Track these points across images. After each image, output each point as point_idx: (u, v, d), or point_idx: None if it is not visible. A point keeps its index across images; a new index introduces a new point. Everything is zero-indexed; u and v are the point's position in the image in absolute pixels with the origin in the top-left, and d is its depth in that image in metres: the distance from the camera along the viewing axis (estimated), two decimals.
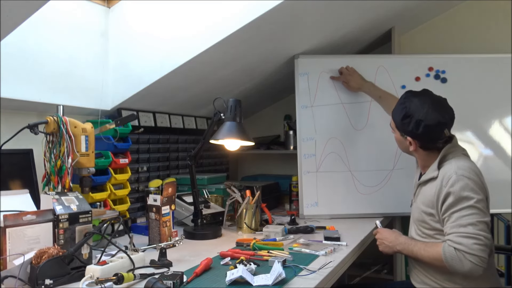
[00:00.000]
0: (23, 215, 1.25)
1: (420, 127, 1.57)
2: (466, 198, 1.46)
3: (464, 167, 1.52)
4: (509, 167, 2.33)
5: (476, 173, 1.52)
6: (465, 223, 1.44)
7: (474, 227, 1.43)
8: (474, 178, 1.50)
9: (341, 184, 2.29)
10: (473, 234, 1.42)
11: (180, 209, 2.05)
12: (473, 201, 1.45)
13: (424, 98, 1.61)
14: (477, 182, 1.49)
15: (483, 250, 1.41)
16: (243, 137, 1.80)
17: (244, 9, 1.74)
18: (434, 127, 1.56)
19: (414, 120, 1.58)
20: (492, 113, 2.36)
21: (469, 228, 1.43)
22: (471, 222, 1.43)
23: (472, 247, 1.40)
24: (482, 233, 1.42)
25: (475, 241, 1.41)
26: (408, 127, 1.60)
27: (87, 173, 1.60)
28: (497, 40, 2.65)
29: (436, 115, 1.55)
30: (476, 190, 1.47)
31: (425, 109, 1.57)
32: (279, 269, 1.23)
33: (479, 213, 1.45)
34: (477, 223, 1.43)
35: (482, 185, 1.51)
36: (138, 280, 1.22)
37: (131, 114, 1.88)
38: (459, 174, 1.49)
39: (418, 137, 1.61)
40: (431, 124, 1.55)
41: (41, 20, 1.68)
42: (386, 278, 2.78)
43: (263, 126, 3.30)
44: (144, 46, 1.98)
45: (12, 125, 1.59)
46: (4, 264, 1.19)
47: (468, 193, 1.46)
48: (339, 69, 2.29)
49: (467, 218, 1.44)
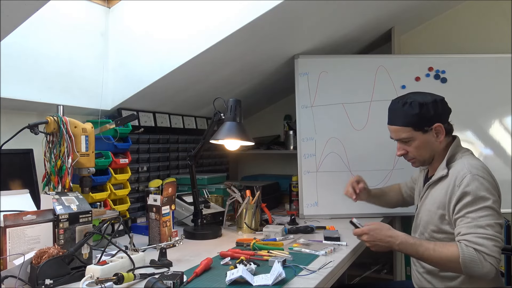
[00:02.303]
0: (23, 215, 1.25)
1: (438, 104, 1.56)
2: (482, 198, 1.42)
3: (477, 166, 1.50)
4: (509, 167, 2.33)
5: (489, 173, 1.50)
6: (483, 224, 1.40)
7: (492, 229, 1.39)
8: (489, 178, 1.47)
9: (341, 184, 2.27)
10: (492, 235, 1.38)
11: (180, 209, 2.05)
12: (490, 202, 1.42)
13: (416, 92, 1.63)
14: (491, 182, 1.47)
15: (500, 252, 1.39)
16: (243, 137, 1.80)
17: (244, 9, 1.74)
18: (446, 103, 1.60)
19: (430, 103, 1.55)
20: (492, 113, 2.36)
21: (488, 229, 1.39)
22: (489, 224, 1.40)
23: (492, 248, 1.37)
24: (499, 235, 1.39)
25: (495, 243, 1.38)
26: (429, 112, 1.55)
27: (87, 173, 1.60)
28: (497, 40, 2.64)
29: (440, 98, 1.59)
30: (491, 191, 1.45)
31: (427, 94, 1.60)
32: (279, 269, 1.23)
33: (495, 214, 1.42)
34: (494, 224, 1.40)
35: (495, 185, 1.48)
36: (138, 280, 1.22)
37: (131, 114, 1.89)
38: (474, 174, 1.45)
39: (443, 116, 1.59)
40: (442, 99, 1.59)
41: (41, 20, 1.68)
42: (386, 278, 2.78)
43: (263, 126, 3.30)
44: (144, 46, 1.98)
45: (12, 125, 1.59)
46: (4, 264, 1.19)
47: (484, 193, 1.43)
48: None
49: (485, 219, 1.40)
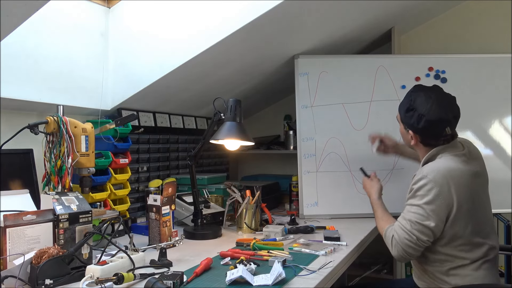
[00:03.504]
0: (23, 215, 1.25)
1: (421, 121, 1.56)
2: (418, 197, 1.52)
3: (437, 168, 1.52)
4: (509, 167, 2.33)
5: (446, 177, 1.49)
6: (406, 217, 1.53)
7: (412, 225, 1.50)
8: (439, 181, 1.48)
9: (341, 184, 2.29)
10: (408, 230, 1.50)
11: (180, 209, 2.05)
12: (422, 202, 1.50)
13: (430, 93, 1.60)
14: (440, 185, 1.48)
15: (411, 247, 1.50)
16: (243, 137, 1.80)
17: (244, 9, 1.74)
18: (435, 123, 1.56)
19: (416, 114, 1.58)
20: (492, 113, 2.36)
21: (407, 224, 1.51)
22: (411, 219, 1.51)
23: (402, 240, 1.51)
24: (416, 233, 1.49)
25: (407, 236, 1.50)
26: (410, 120, 1.60)
27: (87, 173, 1.60)
28: (497, 40, 2.65)
29: (439, 112, 1.55)
30: (432, 193, 1.48)
31: (429, 104, 1.56)
32: (279, 269, 1.23)
33: (422, 214, 1.49)
34: (416, 222, 1.50)
35: (447, 190, 1.48)
36: (138, 280, 1.22)
37: (131, 114, 1.88)
38: (425, 174, 1.51)
39: (418, 132, 1.61)
40: (432, 119, 1.55)
41: (41, 20, 1.68)
42: (386, 278, 2.78)
43: (263, 126, 3.30)
44: (144, 46, 1.98)
45: (12, 125, 1.59)
46: (4, 264, 1.19)
47: (421, 192, 1.50)
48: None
49: (410, 215, 1.52)
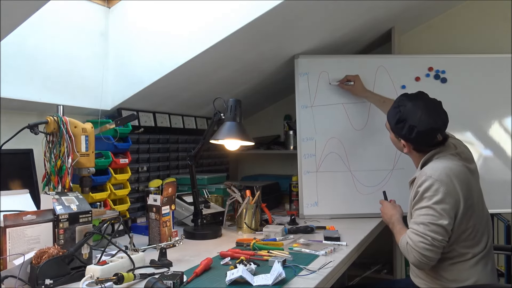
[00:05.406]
0: (23, 215, 1.25)
1: (413, 132, 1.60)
2: (426, 198, 1.52)
3: (438, 168, 1.54)
4: (509, 167, 2.33)
5: (449, 175, 1.52)
6: (418, 221, 1.52)
7: (425, 227, 1.49)
8: (444, 179, 1.51)
9: (341, 184, 2.29)
10: (422, 233, 1.49)
11: (180, 209, 2.05)
12: (431, 202, 1.50)
13: (417, 102, 1.63)
14: (446, 184, 1.50)
15: (429, 250, 1.48)
16: (243, 137, 1.80)
17: (244, 9, 1.74)
18: (426, 133, 1.59)
19: (407, 125, 1.61)
20: (492, 113, 2.36)
21: (420, 227, 1.50)
22: (423, 222, 1.50)
23: (418, 244, 1.49)
24: (431, 234, 1.48)
25: (421, 240, 1.48)
26: (402, 131, 1.64)
27: (87, 173, 1.60)
28: (497, 40, 2.64)
29: (429, 121, 1.58)
30: (440, 192, 1.49)
31: (418, 114, 1.59)
32: (279, 269, 1.23)
33: (434, 215, 1.49)
34: (428, 224, 1.49)
35: (453, 188, 1.51)
36: (138, 280, 1.22)
37: (131, 114, 1.88)
38: (428, 175, 1.53)
39: (411, 141, 1.65)
40: (423, 130, 1.59)
41: (41, 20, 1.68)
42: (386, 278, 2.78)
43: (263, 126, 3.30)
44: (144, 46, 1.98)
45: (12, 125, 1.58)
46: (4, 264, 1.19)
47: (429, 193, 1.51)
48: (346, 76, 2.26)
49: (422, 218, 1.51)
